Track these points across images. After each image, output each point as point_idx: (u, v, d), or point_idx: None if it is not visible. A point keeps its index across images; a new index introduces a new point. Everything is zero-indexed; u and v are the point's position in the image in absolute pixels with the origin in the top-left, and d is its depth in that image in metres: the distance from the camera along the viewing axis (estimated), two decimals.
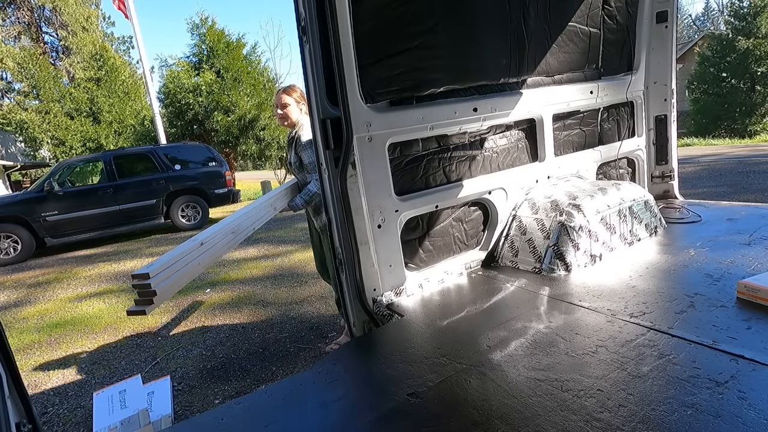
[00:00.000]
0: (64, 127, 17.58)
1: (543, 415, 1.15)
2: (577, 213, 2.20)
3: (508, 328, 1.65)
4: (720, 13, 34.67)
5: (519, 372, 1.36)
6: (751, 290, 1.61)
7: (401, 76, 2.03)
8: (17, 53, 19.12)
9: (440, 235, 2.32)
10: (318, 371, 1.54)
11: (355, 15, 1.81)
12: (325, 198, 1.98)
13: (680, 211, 2.94)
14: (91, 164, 9.70)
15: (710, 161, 10.24)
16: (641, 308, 1.66)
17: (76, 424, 2.48)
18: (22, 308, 4.79)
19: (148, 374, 2.87)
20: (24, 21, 23.16)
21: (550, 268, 2.16)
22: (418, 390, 1.33)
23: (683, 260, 2.12)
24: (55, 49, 24.36)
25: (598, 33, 2.75)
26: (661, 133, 3.18)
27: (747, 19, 18.51)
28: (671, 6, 2.95)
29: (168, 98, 16.30)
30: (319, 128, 1.86)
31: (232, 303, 4.20)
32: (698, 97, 20.51)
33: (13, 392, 1.26)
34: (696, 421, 1.06)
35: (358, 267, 1.96)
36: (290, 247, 6.28)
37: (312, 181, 2.60)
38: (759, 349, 1.30)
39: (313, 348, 3.01)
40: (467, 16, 2.15)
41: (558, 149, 2.72)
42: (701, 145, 15.31)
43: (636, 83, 3.02)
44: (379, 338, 1.83)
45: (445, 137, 2.26)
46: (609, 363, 1.33)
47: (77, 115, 18.09)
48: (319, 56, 1.79)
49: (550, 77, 2.61)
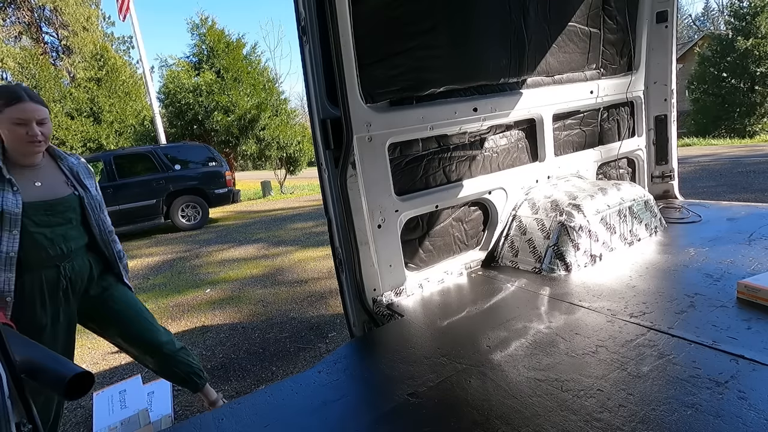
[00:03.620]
0: (65, 127, 17.58)
1: (543, 415, 1.15)
2: (577, 213, 2.20)
3: (508, 328, 1.65)
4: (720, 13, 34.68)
5: (519, 372, 1.36)
6: (751, 290, 1.61)
7: (401, 76, 2.03)
8: (18, 53, 19.11)
9: (440, 235, 2.32)
10: (318, 371, 1.54)
11: (355, 15, 1.81)
12: (325, 198, 1.98)
13: (680, 211, 2.94)
14: (92, 164, 9.67)
15: (710, 161, 10.25)
16: (641, 308, 1.66)
17: (76, 424, 2.48)
18: None
19: (148, 374, 2.87)
20: (24, 21, 23.16)
21: (550, 268, 2.16)
22: (418, 390, 1.33)
23: (683, 260, 2.12)
24: (55, 49, 24.37)
25: (598, 33, 2.76)
26: (661, 133, 3.18)
27: (747, 19, 18.49)
28: (671, 6, 2.95)
29: (168, 98, 16.30)
30: (319, 128, 1.86)
31: (232, 303, 4.20)
32: (698, 97, 20.48)
33: (13, 392, 1.26)
34: (696, 421, 1.06)
35: (358, 267, 1.96)
36: (290, 247, 6.28)
37: None
38: (759, 349, 1.30)
39: (313, 348, 3.01)
40: (467, 16, 2.15)
41: (558, 149, 2.72)
42: (701, 145, 15.32)
43: (636, 83, 3.02)
44: (379, 338, 1.83)
45: (445, 137, 2.26)
46: (609, 363, 1.33)
47: (78, 115, 18.10)
48: (319, 56, 1.79)
49: (550, 77, 2.61)
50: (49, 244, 1.59)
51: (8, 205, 1.49)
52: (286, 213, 9.93)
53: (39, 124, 1.57)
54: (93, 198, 1.76)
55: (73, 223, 1.68)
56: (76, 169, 1.75)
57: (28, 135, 1.54)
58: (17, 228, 1.51)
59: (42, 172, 1.66)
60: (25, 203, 1.54)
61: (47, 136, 1.61)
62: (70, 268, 1.67)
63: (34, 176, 1.63)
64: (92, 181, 1.82)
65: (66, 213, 1.66)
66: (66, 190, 1.68)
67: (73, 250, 1.68)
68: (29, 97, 1.56)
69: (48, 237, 1.59)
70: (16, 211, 1.50)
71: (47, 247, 1.59)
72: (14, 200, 1.51)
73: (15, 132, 1.53)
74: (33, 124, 1.54)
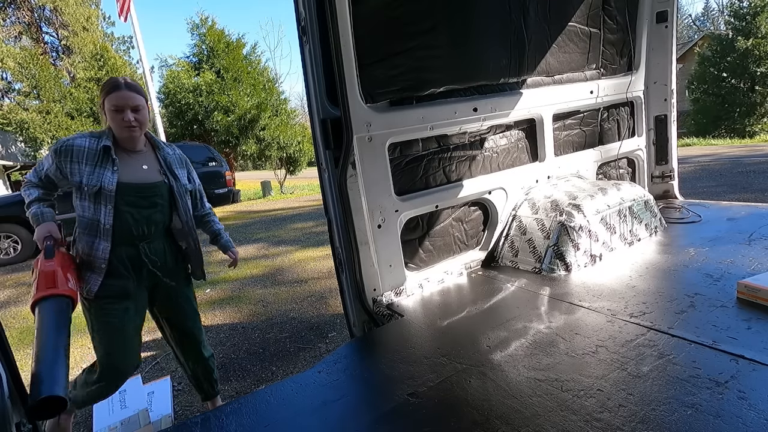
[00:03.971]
0: (65, 127, 17.57)
1: (543, 415, 1.15)
2: (577, 213, 2.20)
3: (508, 328, 1.65)
4: (720, 13, 34.67)
5: (519, 372, 1.36)
6: (751, 290, 1.61)
7: (401, 76, 2.03)
8: (18, 53, 19.09)
9: (440, 235, 2.32)
10: (318, 371, 1.54)
11: (355, 15, 1.81)
12: (325, 198, 1.98)
13: (680, 211, 2.94)
14: None
15: (710, 161, 10.25)
16: (641, 308, 1.66)
17: (76, 424, 2.47)
18: (22, 308, 4.78)
19: (148, 374, 2.87)
20: (24, 21, 23.14)
21: (550, 268, 2.16)
22: (418, 390, 1.33)
23: (683, 260, 2.12)
24: (55, 49, 24.35)
25: (598, 33, 2.76)
26: (661, 133, 3.18)
27: (747, 19, 18.49)
28: (671, 6, 2.95)
29: (168, 98, 16.30)
30: (319, 128, 1.86)
31: (232, 303, 4.20)
32: (698, 97, 20.47)
33: (13, 392, 1.26)
34: (696, 421, 1.06)
35: (358, 267, 1.96)
36: (290, 247, 6.28)
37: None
38: (759, 349, 1.30)
39: (313, 348, 3.01)
40: (467, 16, 2.15)
41: (558, 149, 2.72)
42: (701, 145, 15.31)
43: (636, 83, 3.02)
44: (379, 338, 1.83)
45: (445, 137, 2.26)
46: (609, 363, 1.33)
47: (78, 115, 18.08)
48: (319, 56, 1.79)
49: (550, 77, 2.61)
50: (133, 224, 1.72)
51: (106, 181, 1.65)
52: (286, 213, 9.93)
53: (133, 110, 1.69)
54: (182, 187, 1.87)
55: (158, 208, 1.79)
56: (169, 159, 1.87)
57: (123, 120, 1.67)
58: (111, 204, 1.66)
59: (144, 158, 1.80)
60: (120, 183, 1.68)
61: (142, 122, 1.74)
62: (149, 250, 1.79)
63: (138, 160, 1.78)
64: (184, 171, 1.93)
65: (153, 198, 1.77)
66: (158, 177, 1.80)
67: (153, 233, 1.80)
68: (126, 87, 1.69)
69: (134, 217, 1.72)
70: (110, 188, 1.65)
71: (132, 226, 1.72)
72: (111, 178, 1.66)
73: (114, 117, 1.68)
74: (128, 110, 1.68)
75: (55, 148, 1.68)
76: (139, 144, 1.79)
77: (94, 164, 1.66)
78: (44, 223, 1.72)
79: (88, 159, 1.66)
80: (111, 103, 1.67)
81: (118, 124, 1.69)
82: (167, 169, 1.84)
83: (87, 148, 1.67)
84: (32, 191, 1.76)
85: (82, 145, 1.67)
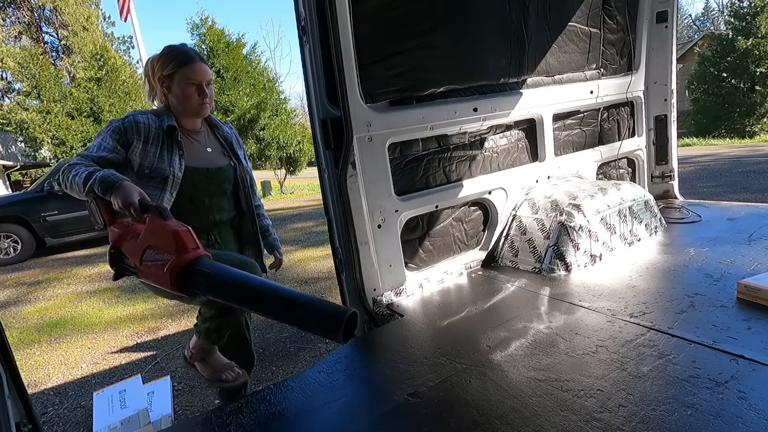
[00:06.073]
0: (65, 127, 17.56)
1: (543, 415, 1.15)
2: (577, 213, 2.20)
3: (508, 328, 1.65)
4: (720, 13, 34.68)
5: (519, 372, 1.36)
6: (751, 290, 1.61)
7: (401, 76, 2.03)
8: (17, 53, 19.10)
9: (440, 235, 2.32)
10: (318, 371, 1.54)
11: (355, 15, 1.81)
12: (325, 198, 1.98)
13: (680, 211, 2.94)
14: None
15: (710, 161, 10.25)
16: (641, 308, 1.66)
17: (76, 424, 2.48)
18: (22, 308, 4.79)
19: (148, 374, 2.87)
20: (24, 21, 23.16)
21: (550, 268, 2.16)
22: (418, 390, 1.33)
23: (683, 260, 2.12)
24: (55, 49, 24.37)
25: (598, 33, 2.76)
26: (661, 133, 3.18)
27: (747, 19, 18.49)
28: (671, 6, 2.95)
29: None
30: (319, 128, 1.86)
31: None
32: (698, 97, 20.47)
33: (13, 392, 1.26)
34: (696, 421, 1.06)
35: (358, 267, 1.96)
36: (290, 247, 6.28)
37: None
38: (759, 349, 1.30)
39: (313, 348, 3.01)
40: (467, 16, 2.15)
41: (558, 149, 2.72)
42: (701, 145, 15.31)
43: (636, 83, 3.02)
44: (379, 338, 1.83)
45: (445, 137, 2.26)
46: (609, 363, 1.33)
47: (78, 115, 18.07)
48: (319, 56, 1.79)
49: (550, 77, 2.61)
50: (206, 211, 1.59)
51: (175, 168, 1.49)
52: (286, 213, 9.93)
53: (207, 85, 1.56)
54: (244, 170, 1.71)
55: (227, 194, 1.65)
56: (230, 139, 1.71)
57: (199, 96, 1.53)
58: (176, 190, 1.49)
59: (205, 139, 1.64)
60: (189, 167, 1.52)
61: (212, 99, 1.60)
62: (218, 237, 1.64)
63: (201, 142, 1.62)
64: (243, 152, 1.76)
65: (223, 184, 1.63)
66: (223, 160, 1.65)
67: (223, 221, 1.65)
68: (200, 59, 1.55)
69: (206, 204, 1.59)
70: (178, 174, 1.49)
71: (204, 214, 1.58)
72: (179, 164, 1.50)
73: (187, 92, 1.52)
74: (204, 84, 1.54)
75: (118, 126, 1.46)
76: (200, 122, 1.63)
77: (159, 146, 1.48)
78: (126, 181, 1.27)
79: (154, 139, 1.48)
80: (186, 75, 1.50)
81: (191, 98, 1.52)
82: (230, 150, 1.68)
83: (151, 126, 1.48)
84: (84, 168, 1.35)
85: (146, 122, 1.48)
